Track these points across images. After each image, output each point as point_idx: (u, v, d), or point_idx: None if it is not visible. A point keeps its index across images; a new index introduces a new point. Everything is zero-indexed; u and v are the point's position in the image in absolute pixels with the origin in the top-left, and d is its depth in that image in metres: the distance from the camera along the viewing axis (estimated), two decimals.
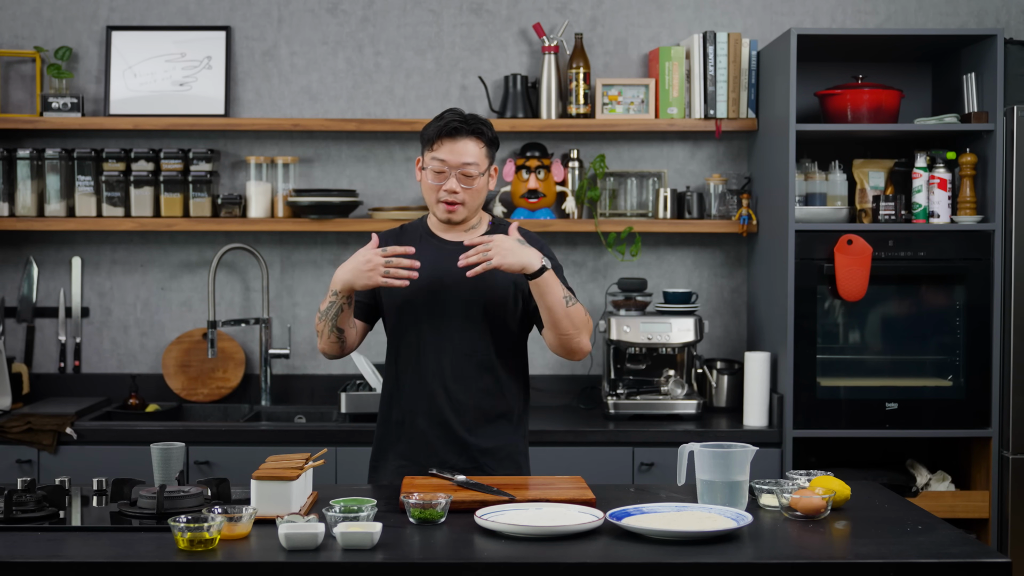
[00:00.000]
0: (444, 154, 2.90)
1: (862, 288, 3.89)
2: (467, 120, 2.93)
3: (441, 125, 2.91)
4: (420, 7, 4.41)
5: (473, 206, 2.96)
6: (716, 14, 4.42)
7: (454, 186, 2.90)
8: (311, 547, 2.22)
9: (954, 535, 2.37)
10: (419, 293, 2.93)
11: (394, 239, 3.03)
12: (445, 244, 2.98)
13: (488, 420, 2.96)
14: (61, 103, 4.27)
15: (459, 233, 2.99)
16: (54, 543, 2.30)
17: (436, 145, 2.91)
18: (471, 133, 2.92)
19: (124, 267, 4.44)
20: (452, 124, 2.90)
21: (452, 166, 2.90)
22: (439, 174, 2.91)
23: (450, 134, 2.90)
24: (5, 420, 3.87)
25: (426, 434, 2.95)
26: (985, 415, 3.91)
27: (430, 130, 2.93)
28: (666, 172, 4.39)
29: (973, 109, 3.99)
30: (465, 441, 2.94)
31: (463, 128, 2.91)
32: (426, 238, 3.02)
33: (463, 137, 2.91)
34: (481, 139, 2.93)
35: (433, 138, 2.92)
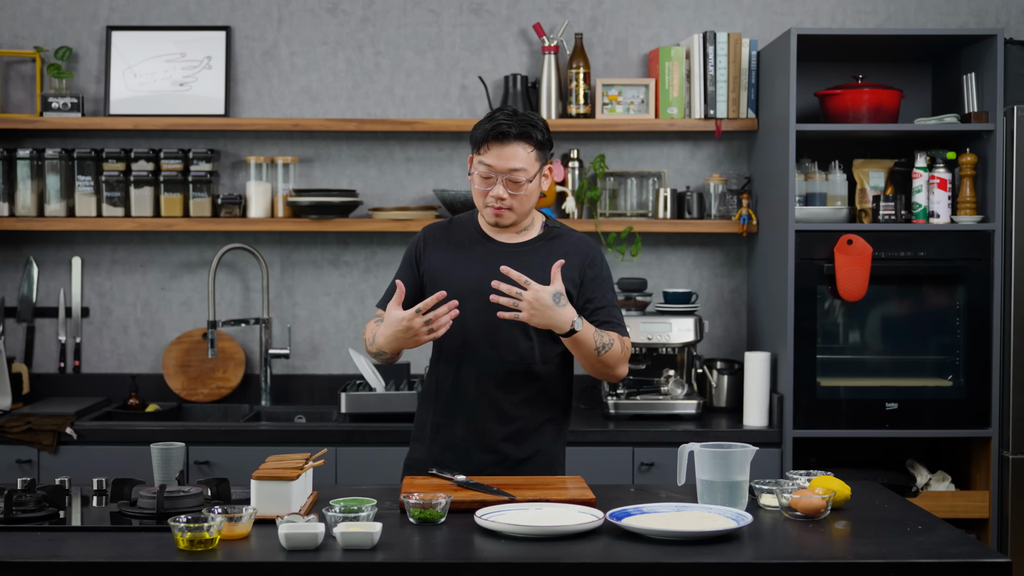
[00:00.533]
0: (491, 159, 2.81)
1: (862, 288, 3.89)
2: (516, 123, 2.81)
3: (489, 128, 2.81)
4: (420, 7, 4.41)
5: (522, 211, 2.87)
6: (716, 14, 4.42)
7: (501, 192, 2.82)
8: (311, 547, 2.22)
9: (954, 535, 2.37)
10: (469, 296, 2.83)
11: (442, 233, 2.97)
12: (497, 246, 2.91)
13: (531, 430, 2.91)
14: (61, 103, 4.27)
15: (511, 234, 2.92)
16: (54, 543, 2.30)
17: (484, 149, 2.82)
18: (519, 137, 2.81)
19: (124, 267, 4.44)
20: (500, 128, 2.80)
21: (499, 171, 2.81)
22: (486, 179, 2.83)
23: (498, 138, 2.80)
24: (5, 420, 3.87)
25: (464, 441, 2.89)
26: (985, 415, 3.91)
27: (478, 132, 2.84)
28: (666, 172, 4.39)
29: (973, 109, 3.99)
30: (503, 451, 2.88)
31: (511, 132, 2.80)
32: (477, 237, 2.94)
33: (511, 142, 2.80)
34: (530, 142, 2.82)
35: (480, 141, 2.82)
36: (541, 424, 2.93)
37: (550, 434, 2.95)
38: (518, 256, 2.88)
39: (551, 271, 2.74)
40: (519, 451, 2.90)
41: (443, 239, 2.96)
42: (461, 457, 2.87)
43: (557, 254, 2.88)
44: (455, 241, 2.95)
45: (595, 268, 2.93)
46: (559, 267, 2.74)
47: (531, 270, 2.82)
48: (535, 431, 2.92)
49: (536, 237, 2.94)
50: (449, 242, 2.95)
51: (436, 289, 2.86)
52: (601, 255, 2.97)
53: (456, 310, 2.72)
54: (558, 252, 2.89)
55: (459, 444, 2.90)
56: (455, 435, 2.91)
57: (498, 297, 2.70)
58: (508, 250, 2.88)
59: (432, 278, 2.92)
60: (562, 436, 3.00)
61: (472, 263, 2.88)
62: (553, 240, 2.94)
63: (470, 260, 2.88)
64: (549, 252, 2.90)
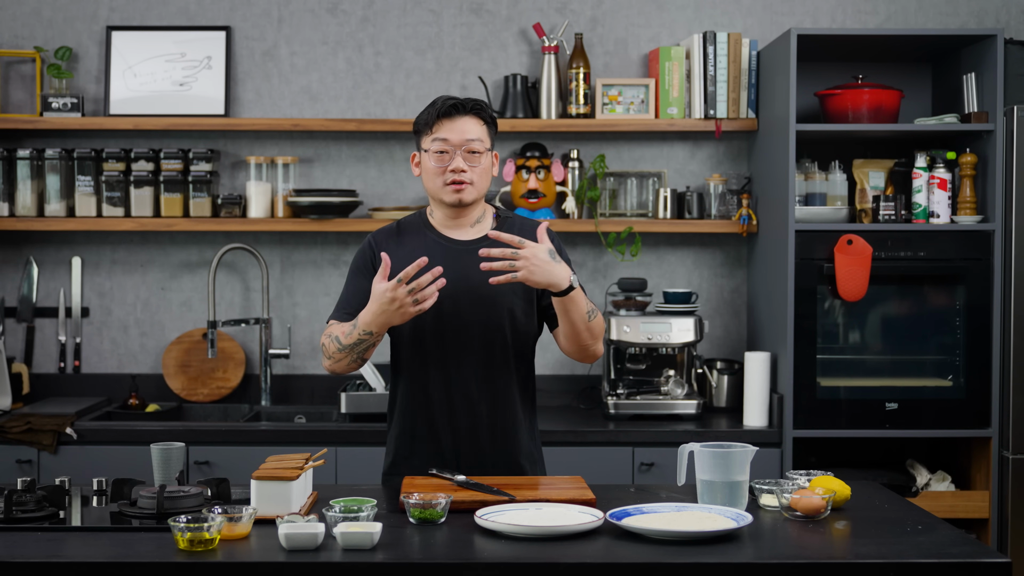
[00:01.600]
0: (446, 133, 2.78)
1: (862, 288, 3.89)
2: (463, 100, 2.81)
3: (438, 106, 2.79)
4: (420, 7, 4.41)
5: (481, 187, 2.81)
6: (716, 14, 4.42)
7: (461, 164, 2.77)
8: (311, 547, 2.22)
9: (954, 535, 2.37)
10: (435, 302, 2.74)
11: (393, 238, 2.88)
12: (454, 244, 2.85)
13: (507, 430, 2.86)
14: (61, 103, 4.27)
15: (466, 230, 2.86)
16: (54, 543, 2.30)
17: (436, 127, 2.79)
18: (470, 111, 2.80)
19: (124, 267, 4.44)
20: (449, 103, 2.79)
21: (456, 144, 2.78)
22: (442, 154, 2.78)
23: (448, 114, 2.78)
24: (5, 420, 3.87)
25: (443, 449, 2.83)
26: (985, 415, 3.91)
27: (425, 115, 2.82)
28: (666, 172, 4.39)
29: (973, 109, 3.99)
30: (484, 453, 2.84)
31: (461, 107, 2.79)
32: (430, 236, 2.86)
33: (462, 115, 2.79)
34: (481, 117, 2.82)
35: (432, 121, 2.80)
36: (518, 423, 2.87)
37: (529, 430, 2.91)
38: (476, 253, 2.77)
39: (537, 233, 2.68)
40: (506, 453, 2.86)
41: (396, 243, 2.87)
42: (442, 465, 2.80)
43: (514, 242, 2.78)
44: (408, 243, 2.86)
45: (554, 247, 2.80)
46: (544, 227, 2.68)
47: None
48: (513, 431, 2.87)
49: (492, 229, 2.86)
50: (402, 245, 2.85)
51: None
52: (555, 235, 2.87)
53: (442, 278, 2.62)
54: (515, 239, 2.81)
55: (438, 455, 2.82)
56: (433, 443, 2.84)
57: (490, 264, 2.62)
58: (468, 247, 2.81)
59: None
60: (534, 432, 2.94)
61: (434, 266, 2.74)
62: (510, 230, 2.86)
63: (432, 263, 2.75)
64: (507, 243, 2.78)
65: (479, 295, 2.79)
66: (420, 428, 2.87)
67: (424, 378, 2.84)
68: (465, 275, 2.78)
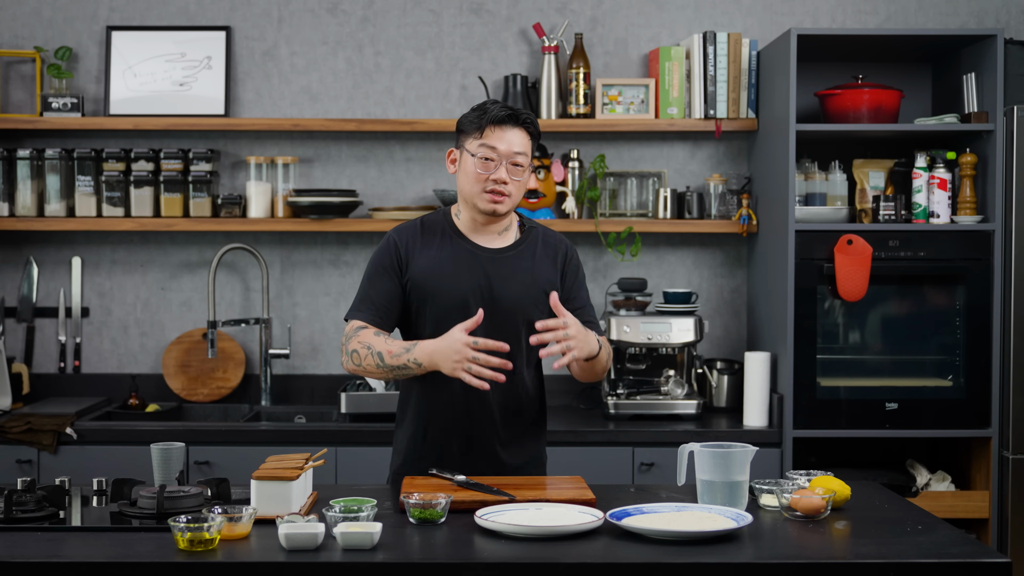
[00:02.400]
0: (495, 141, 2.76)
1: (862, 288, 3.89)
2: (516, 110, 2.79)
3: (491, 113, 2.77)
4: (420, 7, 4.41)
5: (516, 199, 2.81)
6: (716, 14, 4.42)
7: (504, 176, 2.76)
8: (311, 547, 2.22)
9: (954, 535, 2.37)
10: (461, 308, 2.78)
11: (417, 238, 2.86)
12: (482, 252, 2.84)
13: (523, 436, 2.88)
14: (61, 103, 4.27)
15: (492, 237, 2.85)
16: (54, 543, 2.30)
17: (485, 133, 2.76)
18: (520, 124, 2.79)
19: (124, 267, 4.44)
20: (503, 113, 2.77)
21: (503, 155, 2.76)
22: (487, 162, 2.75)
23: (500, 122, 2.76)
24: (5, 420, 3.87)
25: (456, 453, 2.83)
26: (985, 415, 3.91)
27: (475, 117, 2.79)
28: (666, 172, 4.39)
29: (973, 109, 3.99)
30: (499, 458, 2.85)
31: (512, 117, 2.78)
32: (456, 240, 2.85)
33: (512, 126, 2.77)
34: (528, 131, 2.81)
35: (482, 126, 2.77)
36: (529, 428, 2.91)
37: (537, 437, 2.94)
38: (506, 262, 2.84)
39: (551, 304, 2.69)
40: (515, 458, 2.87)
41: (422, 244, 2.86)
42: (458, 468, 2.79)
43: (539, 255, 2.86)
44: (434, 244, 2.85)
45: (573, 265, 2.90)
46: (556, 298, 2.69)
47: (519, 276, 2.82)
48: (526, 436, 2.90)
49: (516, 241, 2.88)
50: (428, 246, 2.85)
51: (422, 300, 2.81)
52: (576, 252, 2.94)
53: (502, 376, 2.64)
54: (539, 252, 2.87)
55: (452, 457, 2.83)
56: (448, 447, 2.84)
57: (550, 349, 2.65)
58: (495, 256, 2.83)
59: (419, 288, 2.82)
60: (543, 436, 2.98)
61: (461, 272, 2.81)
62: (534, 242, 2.89)
63: (457, 270, 2.80)
64: (532, 255, 2.86)
65: (500, 304, 2.81)
66: (432, 432, 2.87)
67: (440, 383, 2.82)
68: (488, 283, 2.81)
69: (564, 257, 2.90)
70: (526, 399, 2.88)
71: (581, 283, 2.93)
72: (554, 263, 2.88)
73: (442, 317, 2.79)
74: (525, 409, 2.89)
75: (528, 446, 2.91)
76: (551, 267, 2.87)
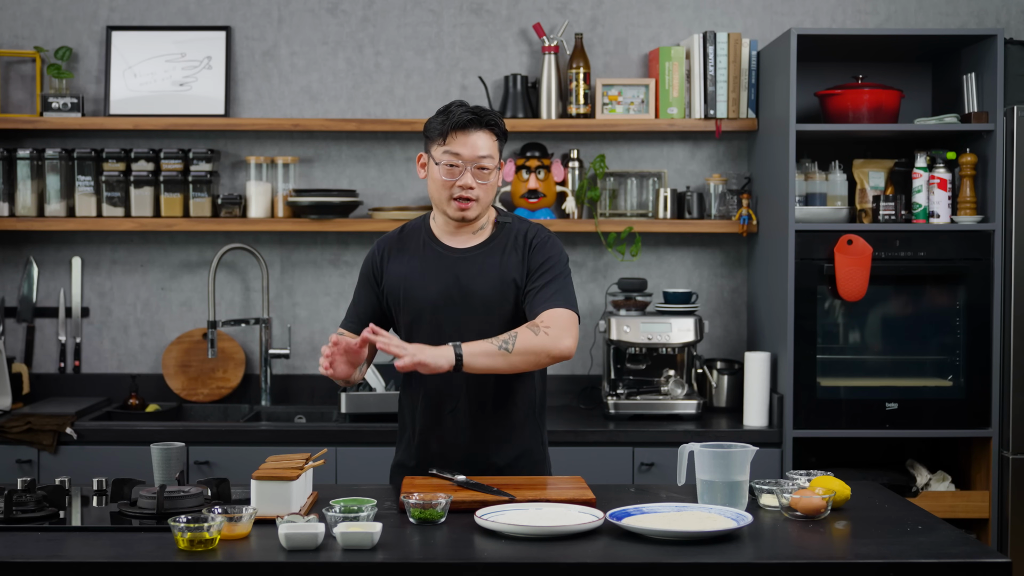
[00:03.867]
0: (458, 147, 2.75)
1: (862, 288, 3.89)
2: (479, 113, 2.78)
3: (453, 118, 2.76)
4: (420, 7, 4.41)
5: (486, 202, 2.81)
6: (716, 14, 4.42)
7: (469, 181, 2.76)
8: (311, 547, 2.22)
9: (954, 535, 2.37)
10: (432, 311, 2.81)
11: (395, 245, 2.91)
12: (451, 253, 2.86)
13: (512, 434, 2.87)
14: (61, 103, 4.27)
15: (466, 237, 2.86)
16: (54, 543, 2.30)
17: (448, 139, 2.76)
18: (484, 126, 2.77)
19: (124, 267, 4.44)
20: (465, 117, 2.76)
21: (467, 160, 2.75)
22: (452, 168, 2.76)
23: (463, 127, 2.75)
24: (5, 420, 3.87)
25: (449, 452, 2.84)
26: (985, 415, 3.91)
27: (439, 123, 2.78)
28: (666, 172, 4.39)
29: (973, 109, 3.99)
30: (488, 459, 2.85)
31: (476, 121, 2.76)
32: (430, 244, 2.87)
33: (476, 130, 2.76)
34: (493, 132, 2.79)
35: (445, 131, 2.76)
36: (520, 425, 2.88)
37: (531, 434, 2.91)
38: (475, 260, 2.83)
39: (513, 224, 2.77)
40: (503, 456, 2.86)
41: (397, 251, 2.89)
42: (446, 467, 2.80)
43: (508, 249, 2.83)
44: (409, 251, 2.88)
45: (538, 244, 2.83)
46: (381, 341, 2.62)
47: (488, 272, 2.81)
48: (516, 434, 2.88)
49: (489, 237, 2.86)
50: (403, 253, 2.88)
51: (396, 306, 2.85)
52: (546, 236, 2.85)
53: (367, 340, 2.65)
54: (509, 247, 2.84)
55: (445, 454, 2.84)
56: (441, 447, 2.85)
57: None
58: (464, 255, 2.83)
59: (393, 294, 2.87)
60: (541, 434, 2.95)
61: (430, 276, 2.82)
62: (506, 236, 2.86)
63: (428, 272, 2.82)
64: (502, 249, 2.84)
65: (474, 302, 2.81)
66: (420, 431, 2.89)
67: (422, 384, 2.85)
68: (459, 282, 2.81)
69: (527, 240, 2.84)
70: (504, 397, 2.84)
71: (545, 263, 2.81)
72: (522, 255, 2.84)
73: (413, 320, 2.84)
74: (505, 407, 2.85)
75: (517, 443, 2.88)
76: (519, 259, 2.84)
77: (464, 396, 2.84)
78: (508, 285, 2.81)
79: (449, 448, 2.85)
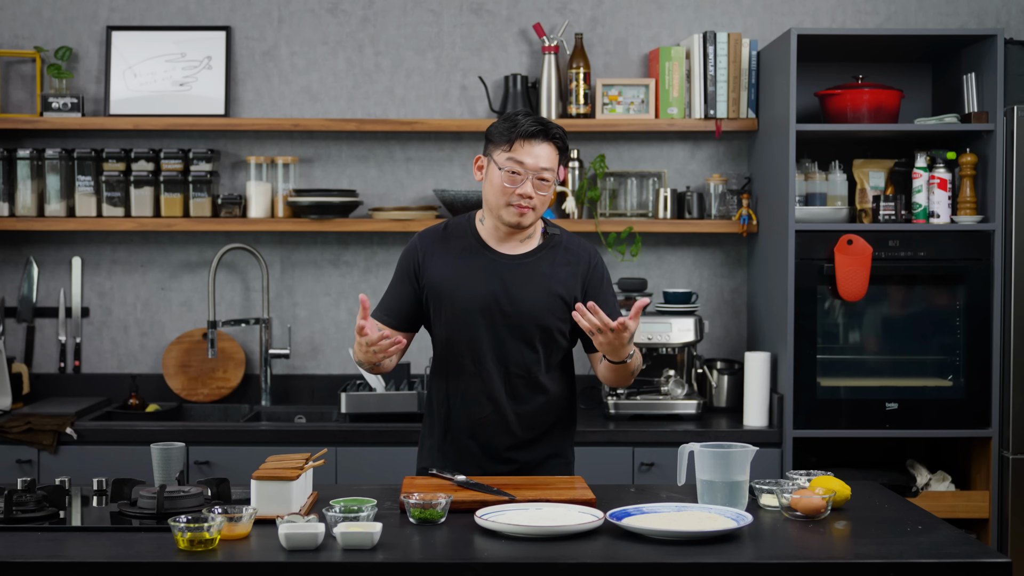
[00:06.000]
0: (523, 156, 2.77)
1: (862, 288, 3.89)
2: (546, 124, 2.79)
3: (520, 127, 2.77)
4: (420, 7, 4.41)
5: (541, 211, 2.83)
6: (716, 14, 4.42)
7: (530, 191, 2.77)
8: (311, 547, 2.22)
9: (954, 535, 2.37)
10: (473, 312, 2.82)
11: (440, 243, 2.90)
12: (501, 258, 2.86)
13: (542, 437, 2.90)
14: (61, 103, 4.27)
15: (514, 244, 2.87)
16: (54, 543, 2.30)
17: (514, 147, 2.77)
18: (549, 138, 2.79)
19: (124, 267, 4.44)
20: (532, 127, 2.77)
21: (530, 170, 2.77)
22: (515, 176, 2.76)
23: (529, 137, 2.77)
24: (5, 420, 3.87)
25: (478, 455, 2.88)
26: (985, 415, 3.91)
27: (505, 129, 2.79)
28: (666, 172, 4.39)
29: (973, 109, 3.99)
30: (518, 459, 2.88)
31: (543, 132, 2.78)
32: (476, 246, 2.88)
33: (541, 141, 2.78)
34: (556, 145, 2.81)
35: (512, 139, 2.77)
36: (550, 429, 2.93)
37: (560, 437, 2.95)
38: (523, 268, 2.85)
39: (633, 309, 2.63)
40: (532, 457, 2.90)
41: (441, 249, 2.89)
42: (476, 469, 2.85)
43: (558, 262, 2.87)
44: (455, 251, 2.88)
45: (597, 275, 2.90)
46: (640, 307, 2.61)
47: (536, 281, 2.83)
48: (546, 437, 2.92)
49: (538, 247, 2.90)
50: (448, 252, 2.89)
51: (437, 304, 2.86)
52: (601, 260, 2.94)
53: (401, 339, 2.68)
54: (559, 260, 2.88)
55: (473, 458, 2.88)
56: (468, 449, 2.89)
57: (581, 319, 2.62)
58: (512, 262, 2.85)
59: (435, 293, 2.87)
60: (570, 437, 3.00)
61: (477, 278, 2.84)
62: (555, 248, 2.90)
63: (475, 275, 2.84)
64: (551, 261, 2.88)
65: (516, 309, 2.83)
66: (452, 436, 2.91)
67: (459, 388, 2.88)
68: (506, 289, 2.83)
69: (587, 266, 2.89)
70: (545, 401, 2.89)
71: (607, 291, 2.92)
72: (575, 271, 2.88)
73: (454, 322, 2.85)
74: (545, 410, 2.90)
75: (551, 443, 2.92)
76: (570, 275, 2.87)
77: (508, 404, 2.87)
78: (554, 297, 2.84)
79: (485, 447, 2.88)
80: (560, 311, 2.85)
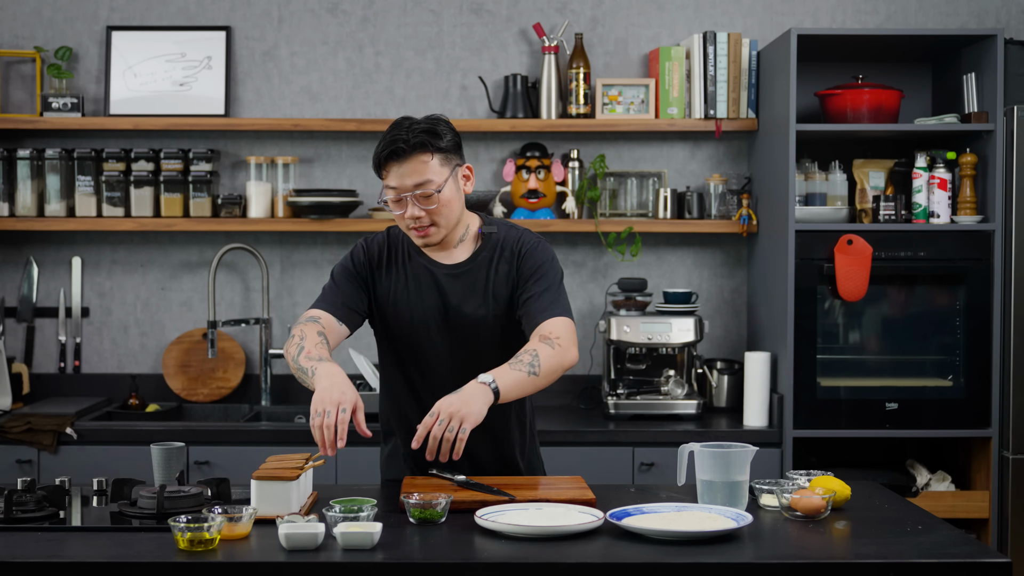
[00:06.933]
0: (393, 180, 2.62)
1: (862, 288, 3.89)
2: (408, 137, 2.61)
3: (382, 149, 2.63)
4: (420, 7, 4.41)
5: (448, 223, 2.68)
6: (716, 14, 4.42)
7: (415, 212, 2.63)
8: (311, 547, 2.22)
9: (954, 535, 2.37)
10: (422, 329, 2.74)
11: (385, 253, 2.79)
12: (440, 269, 2.75)
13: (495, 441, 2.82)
14: (61, 103, 4.27)
15: (446, 253, 2.76)
16: (54, 543, 2.30)
17: (384, 172, 2.64)
18: (415, 148, 2.61)
19: (124, 267, 4.44)
20: (393, 146, 2.61)
21: (405, 190, 2.62)
22: (398, 202, 2.64)
23: (392, 157, 2.62)
24: (5, 420, 3.87)
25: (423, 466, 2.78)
26: (985, 415, 3.91)
27: (376, 154, 2.66)
28: (666, 172, 4.39)
29: (973, 109, 3.99)
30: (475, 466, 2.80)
31: (405, 148, 2.61)
32: (414, 257, 2.77)
33: (408, 157, 2.61)
34: (429, 150, 2.62)
35: (380, 165, 2.65)
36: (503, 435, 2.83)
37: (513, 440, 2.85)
38: (462, 279, 2.75)
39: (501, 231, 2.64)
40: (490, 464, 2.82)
41: (387, 261, 2.78)
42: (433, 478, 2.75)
43: (496, 262, 2.75)
44: (396, 264, 2.77)
45: (526, 254, 2.74)
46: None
47: (477, 291, 2.74)
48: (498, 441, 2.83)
49: (474, 252, 2.77)
50: (391, 265, 2.78)
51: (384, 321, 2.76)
52: (536, 244, 2.76)
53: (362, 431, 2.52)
54: (496, 259, 2.76)
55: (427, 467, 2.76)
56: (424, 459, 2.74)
57: (433, 453, 2.46)
58: (450, 272, 2.74)
59: (381, 309, 2.77)
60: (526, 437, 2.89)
61: (419, 294, 2.73)
62: (493, 248, 2.77)
63: (416, 290, 2.73)
64: (489, 264, 2.76)
65: (461, 322, 2.75)
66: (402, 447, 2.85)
67: (408, 402, 2.81)
68: (445, 302, 2.74)
69: (517, 252, 2.76)
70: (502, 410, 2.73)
71: (537, 270, 2.73)
72: (511, 267, 2.76)
73: (401, 337, 2.77)
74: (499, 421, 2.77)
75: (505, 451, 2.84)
76: (508, 272, 2.75)
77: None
78: (499, 300, 2.75)
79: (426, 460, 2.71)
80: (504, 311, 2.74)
